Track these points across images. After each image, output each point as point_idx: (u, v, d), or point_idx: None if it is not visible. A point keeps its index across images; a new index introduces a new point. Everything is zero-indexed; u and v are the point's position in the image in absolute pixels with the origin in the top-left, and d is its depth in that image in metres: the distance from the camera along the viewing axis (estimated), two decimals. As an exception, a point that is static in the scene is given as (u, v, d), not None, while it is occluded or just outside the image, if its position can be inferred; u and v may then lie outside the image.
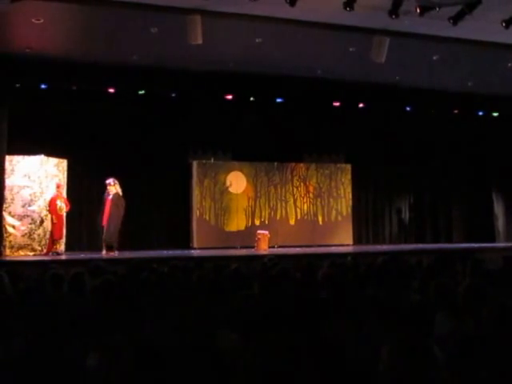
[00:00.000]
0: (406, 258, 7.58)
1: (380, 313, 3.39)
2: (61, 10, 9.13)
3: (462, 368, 2.48)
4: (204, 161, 14.14)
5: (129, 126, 13.24)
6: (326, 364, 2.59)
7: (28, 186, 11.41)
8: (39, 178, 11.53)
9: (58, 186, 11.63)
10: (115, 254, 11.34)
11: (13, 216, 11.25)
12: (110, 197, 11.62)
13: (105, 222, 11.61)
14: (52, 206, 11.38)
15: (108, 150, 13.07)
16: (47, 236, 11.43)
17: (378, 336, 2.85)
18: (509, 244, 14.74)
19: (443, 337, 3.19)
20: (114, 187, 11.62)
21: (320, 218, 14.89)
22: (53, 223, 11.35)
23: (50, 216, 11.40)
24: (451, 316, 3.53)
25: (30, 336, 3.08)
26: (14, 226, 11.24)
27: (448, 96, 14.02)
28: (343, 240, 14.87)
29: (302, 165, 14.94)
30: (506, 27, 9.38)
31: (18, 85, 11.62)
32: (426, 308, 3.76)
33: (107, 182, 11.66)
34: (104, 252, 11.45)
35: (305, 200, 14.86)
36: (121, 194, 11.70)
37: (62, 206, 11.54)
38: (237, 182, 14.29)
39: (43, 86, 12.04)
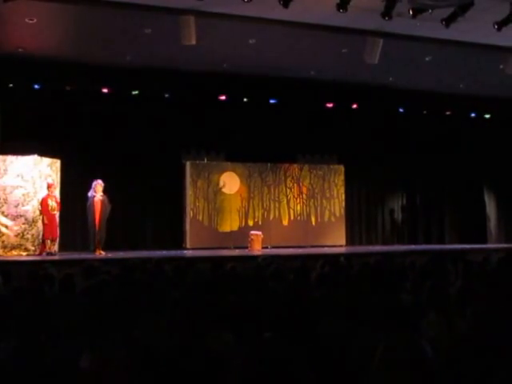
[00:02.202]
0: (399, 259, 7.60)
1: (372, 313, 3.40)
2: (54, 10, 9.13)
3: (454, 368, 2.50)
4: (197, 161, 14.13)
5: (122, 126, 13.21)
6: (320, 364, 2.60)
7: (21, 186, 11.36)
8: (32, 178, 11.47)
9: (50, 186, 11.54)
10: (105, 253, 11.36)
11: (6, 216, 11.20)
12: (99, 197, 11.58)
13: (98, 222, 11.59)
14: (44, 206, 11.29)
15: (101, 150, 13.04)
16: (40, 236, 11.39)
17: (370, 336, 2.87)
18: (500, 245, 14.82)
19: (435, 337, 3.21)
20: (101, 188, 11.62)
21: (313, 219, 14.91)
22: (44, 224, 11.28)
23: (41, 217, 11.34)
24: (443, 317, 3.55)
25: (23, 336, 3.07)
26: (7, 226, 11.19)
27: (440, 97, 14.10)
28: (336, 241, 14.88)
29: (295, 165, 14.95)
30: (498, 29, 9.44)
31: (10, 85, 11.59)
32: (418, 309, 3.78)
33: (100, 183, 11.60)
34: (99, 252, 11.38)
35: (298, 201, 14.87)
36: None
37: (54, 205, 11.48)
38: (230, 182, 14.29)
39: (36, 86, 12.02)
